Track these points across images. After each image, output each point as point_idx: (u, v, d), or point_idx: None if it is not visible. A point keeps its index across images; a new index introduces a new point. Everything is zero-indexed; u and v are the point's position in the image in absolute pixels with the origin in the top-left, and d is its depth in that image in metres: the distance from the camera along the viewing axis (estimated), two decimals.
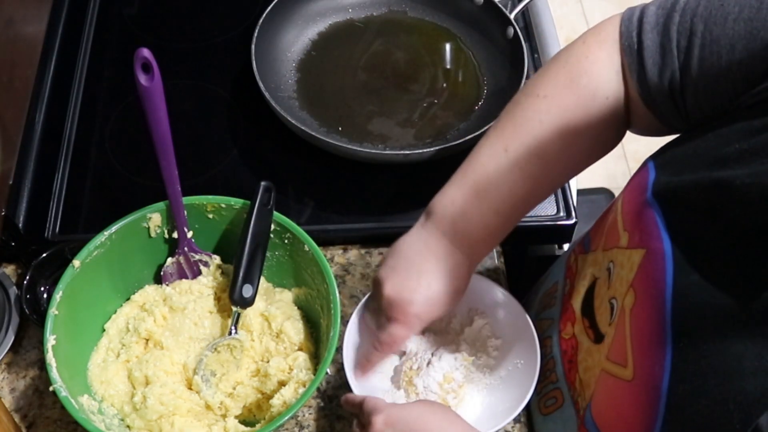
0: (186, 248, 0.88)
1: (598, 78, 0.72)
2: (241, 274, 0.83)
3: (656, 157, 0.67)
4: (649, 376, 0.59)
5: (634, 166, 0.72)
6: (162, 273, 0.89)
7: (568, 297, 0.80)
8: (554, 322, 0.82)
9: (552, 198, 1.00)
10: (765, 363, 0.51)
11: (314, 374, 0.80)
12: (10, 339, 0.88)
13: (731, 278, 0.55)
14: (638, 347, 0.62)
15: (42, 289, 0.90)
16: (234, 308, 0.84)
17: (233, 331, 0.84)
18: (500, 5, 1.11)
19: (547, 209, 0.99)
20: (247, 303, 0.84)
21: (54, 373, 0.75)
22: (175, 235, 0.87)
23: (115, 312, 0.87)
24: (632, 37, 0.70)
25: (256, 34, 1.06)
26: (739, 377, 0.52)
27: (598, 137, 0.74)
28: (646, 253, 0.63)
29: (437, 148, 0.97)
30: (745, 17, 0.61)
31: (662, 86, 0.68)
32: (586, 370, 0.73)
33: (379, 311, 0.78)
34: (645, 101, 0.71)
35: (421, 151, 0.97)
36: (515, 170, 0.73)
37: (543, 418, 0.81)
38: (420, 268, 0.76)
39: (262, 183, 0.84)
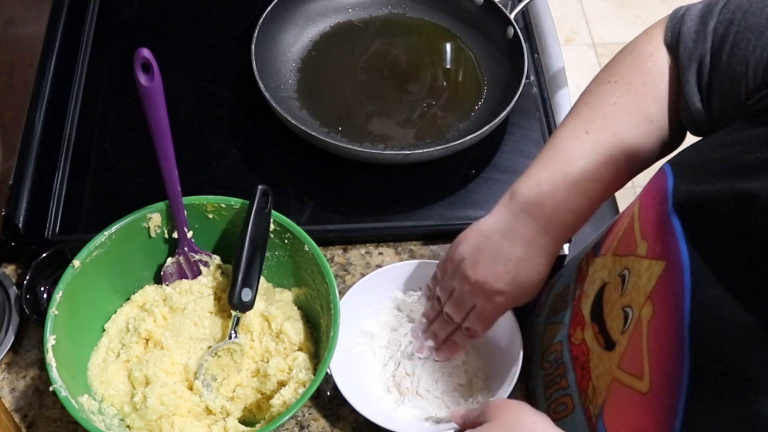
0: (186, 248, 0.88)
1: (663, 60, 0.73)
2: (239, 279, 0.83)
3: (674, 162, 0.66)
4: (666, 390, 0.58)
5: None
6: (162, 273, 0.89)
7: (578, 301, 0.79)
8: (564, 327, 0.81)
9: None
10: None
11: (314, 374, 0.80)
12: (10, 339, 0.88)
13: (752, 295, 0.54)
14: (655, 361, 0.61)
15: (42, 289, 0.90)
16: (233, 312, 0.84)
17: (233, 335, 0.84)
18: (500, 5, 1.11)
19: None
20: (246, 307, 0.84)
21: (54, 373, 0.75)
22: (175, 235, 0.87)
23: (115, 312, 0.87)
24: (675, 28, 0.72)
25: (256, 34, 1.06)
26: (755, 398, 0.52)
27: (668, 122, 0.74)
28: (667, 266, 0.61)
29: (437, 148, 0.97)
30: None
31: (690, 71, 0.70)
32: (598, 377, 0.72)
33: (461, 292, 0.77)
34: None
35: (421, 151, 0.97)
36: (597, 152, 0.73)
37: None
38: (509, 254, 0.74)
39: (260, 187, 0.83)
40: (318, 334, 0.85)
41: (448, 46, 1.15)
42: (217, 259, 0.90)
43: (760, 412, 0.51)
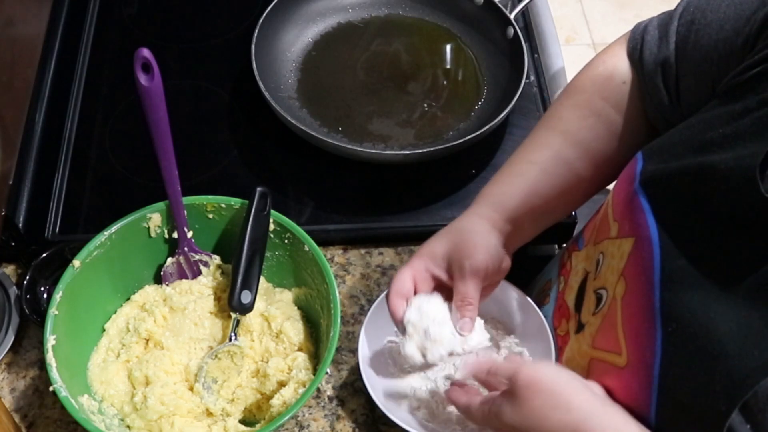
0: (186, 248, 0.88)
1: (614, 65, 0.76)
2: (239, 281, 0.83)
3: (645, 148, 0.69)
4: (642, 361, 0.60)
5: None
6: (162, 273, 0.89)
7: (563, 294, 0.81)
8: (548, 319, 0.83)
9: None
10: (748, 346, 0.52)
11: (314, 374, 0.80)
12: (10, 339, 0.88)
13: (715, 262, 0.57)
14: (630, 334, 0.63)
15: (42, 289, 0.90)
16: (233, 314, 0.84)
17: (233, 338, 0.84)
18: (500, 5, 1.11)
19: None
20: (246, 309, 0.84)
21: (54, 373, 0.75)
22: (175, 235, 0.87)
23: (115, 312, 0.87)
24: (636, 39, 0.75)
25: (256, 34, 1.06)
26: (724, 360, 0.53)
27: (622, 120, 0.76)
28: (636, 241, 0.64)
29: (437, 148, 0.97)
30: (736, 1, 0.66)
31: (657, 76, 0.72)
32: (568, 360, 0.74)
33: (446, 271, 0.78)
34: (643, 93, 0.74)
35: (421, 151, 0.97)
36: (534, 142, 0.78)
37: None
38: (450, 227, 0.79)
39: (258, 189, 0.83)
40: (318, 334, 0.85)
41: (448, 46, 1.15)
42: (217, 259, 0.90)
43: (728, 372, 0.53)
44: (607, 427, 0.59)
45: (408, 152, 0.98)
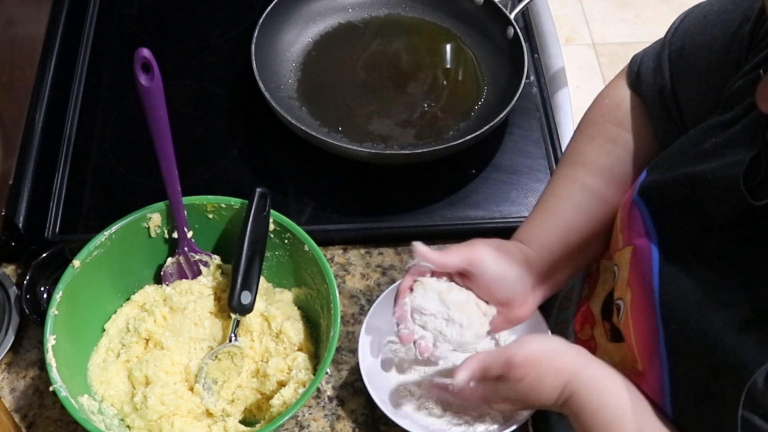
0: (186, 248, 0.88)
1: (621, 95, 0.79)
2: (239, 282, 0.83)
3: (650, 162, 0.71)
4: (651, 364, 0.63)
5: None
6: (162, 273, 0.89)
7: (585, 300, 0.81)
8: (569, 324, 0.84)
9: None
10: (743, 337, 0.55)
11: (313, 374, 0.80)
12: (10, 339, 0.88)
13: (708, 263, 0.60)
14: (639, 339, 0.65)
15: (42, 289, 0.90)
16: (233, 315, 0.84)
17: (233, 338, 0.84)
18: (500, 5, 1.11)
19: None
20: (246, 310, 0.83)
21: (54, 373, 0.75)
22: (175, 235, 0.87)
23: (115, 312, 0.87)
24: (634, 71, 0.77)
25: (256, 34, 1.06)
26: (722, 354, 0.56)
27: (638, 142, 0.77)
28: (633, 250, 0.66)
29: (437, 148, 0.97)
30: (721, 21, 0.68)
31: (655, 106, 0.75)
32: None
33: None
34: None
35: (421, 151, 0.97)
36: (560, 177, 0.80)
37: (558, 418, 0.82)
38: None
39: (258, 189, 0.83)
40: (318, 334, 0.85)
41: (448, 46, 1.15)
42: (217, 259, 0.90)
43: (728, 365, 0.55)
44: (590, 377, 0.65)
45: (408, 152, 0.98)
